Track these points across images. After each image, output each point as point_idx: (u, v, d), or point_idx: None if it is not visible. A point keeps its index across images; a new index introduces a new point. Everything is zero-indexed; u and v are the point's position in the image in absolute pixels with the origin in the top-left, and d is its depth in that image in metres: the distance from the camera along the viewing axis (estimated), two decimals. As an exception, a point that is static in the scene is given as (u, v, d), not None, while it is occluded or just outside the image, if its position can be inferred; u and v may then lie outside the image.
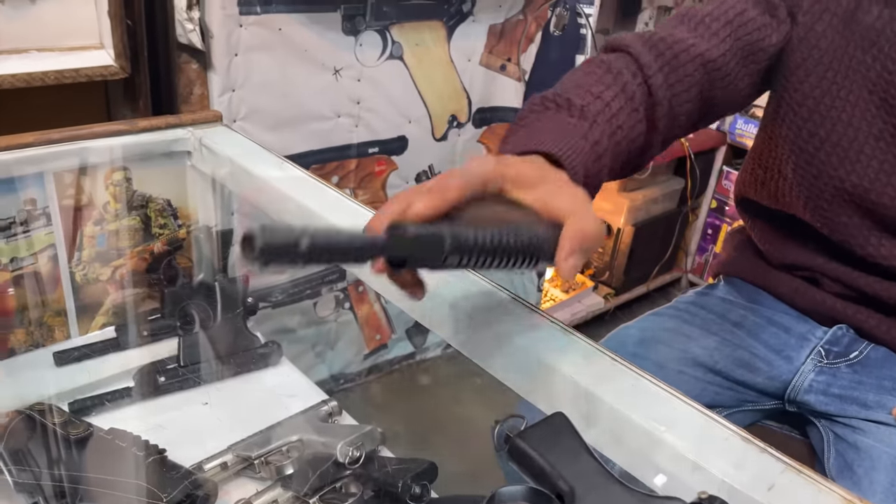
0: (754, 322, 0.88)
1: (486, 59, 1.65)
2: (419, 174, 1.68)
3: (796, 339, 0.85)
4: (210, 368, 0.87)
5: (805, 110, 0.76)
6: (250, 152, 0.84)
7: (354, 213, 0.72)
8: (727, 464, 0.44)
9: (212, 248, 0.96)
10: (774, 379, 0.85)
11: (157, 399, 0.84)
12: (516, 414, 0.42)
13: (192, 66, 1.23)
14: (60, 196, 0.80)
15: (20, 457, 0.68)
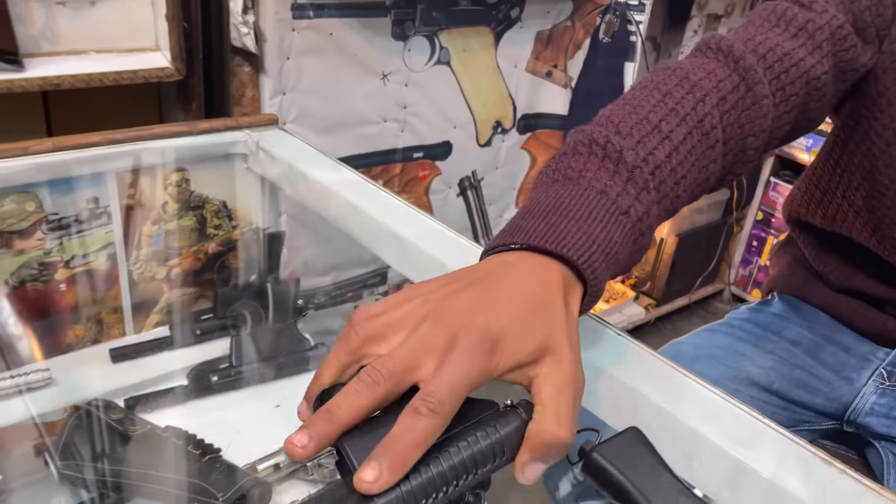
0: (812, 341, 0.85)
1: (532, 66, 1.64)
2: (462, 179, 1.68)
3: (857, 360, 0.82)
4: (261, 369, 0.88)
5: (883, 142, 0.71)
6: (306, 156, 0.85)
7: (407, 216, 0.72)
8: (805, 485, 0.42)
9: (263, 250, 0.97)
10: (834, 400, 0.83)
11: (209, 398, 0.84)
12: (589, 428, 0.41)
13: (244, 69, 1.25)
14: (121, 195, 0.82)
15: (77, 452, 0.69)
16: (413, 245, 0.67)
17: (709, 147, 0.56)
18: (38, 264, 0.79)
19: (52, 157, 0.75)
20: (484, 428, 0.38)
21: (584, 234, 0.46)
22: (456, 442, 0.37)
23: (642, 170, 0.51)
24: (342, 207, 0.76)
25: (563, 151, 0.55)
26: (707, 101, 0.56)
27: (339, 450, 0.37)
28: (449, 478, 0.37)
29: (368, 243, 0.74)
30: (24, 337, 0.82)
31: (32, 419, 0.74)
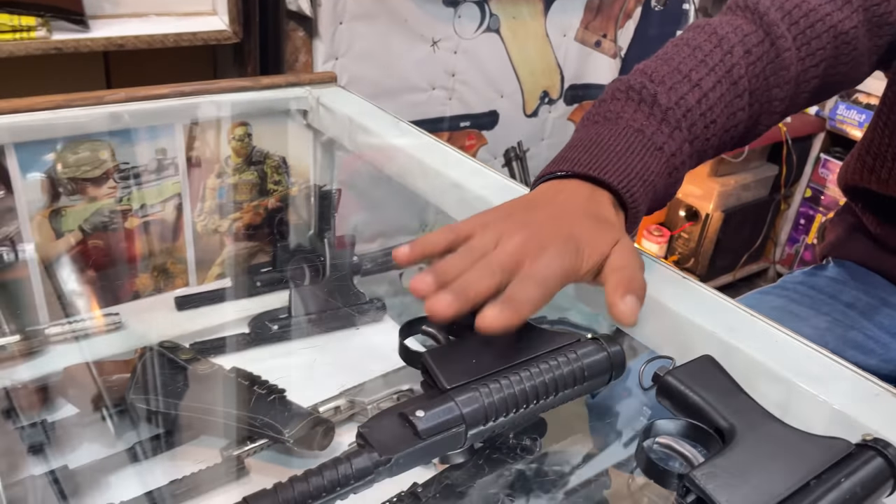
0: (868, 303, 0.85)
1: (581, 35, 1.63)
2: (507, 150, 1.69)
3: None
4: (318, 320, 0.90)
5: None
6: (367, 111, 0.86)
7: (468, 167, 0.73)
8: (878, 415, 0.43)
9: (320, 207, 0.98)
10: (889, 362, 0.82)
11: (269, 346, 0.87)
12: (664, 355, 0.42)
13: (298, 33, 1.26)
14: (188, 147, 0.84)
15: (148, 388, 0.72)
16: (477, 196, 0.69)
17: (736, 96, 0.60)
18: (110, 212, 0.82)
19: (124, 106, 0.78)
20: (566, 354, 0.40)
21: (624, 165, 0.52)
22: (539, 363, 0.39)
23: (674, 111, 0.57)
24: (404, 161, 0.77)
25: (603, 98, 0.61)
26: (734, 53, 0.60)
27: (425, 367, 0.39)
28: (529, 395, 0.38)
29: (431, 196, 0.75)
30: (95, 283, 0.85)
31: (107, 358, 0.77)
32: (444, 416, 0.36)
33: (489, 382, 0.38)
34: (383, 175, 0.87)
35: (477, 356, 0.40)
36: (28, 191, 0.76)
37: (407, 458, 0.36)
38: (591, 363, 0.40)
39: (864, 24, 0.66)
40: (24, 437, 0.67)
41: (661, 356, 0.42)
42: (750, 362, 0.48)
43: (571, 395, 0.40)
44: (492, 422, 0.38)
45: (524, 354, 0.40)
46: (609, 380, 0.42)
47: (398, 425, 0.36)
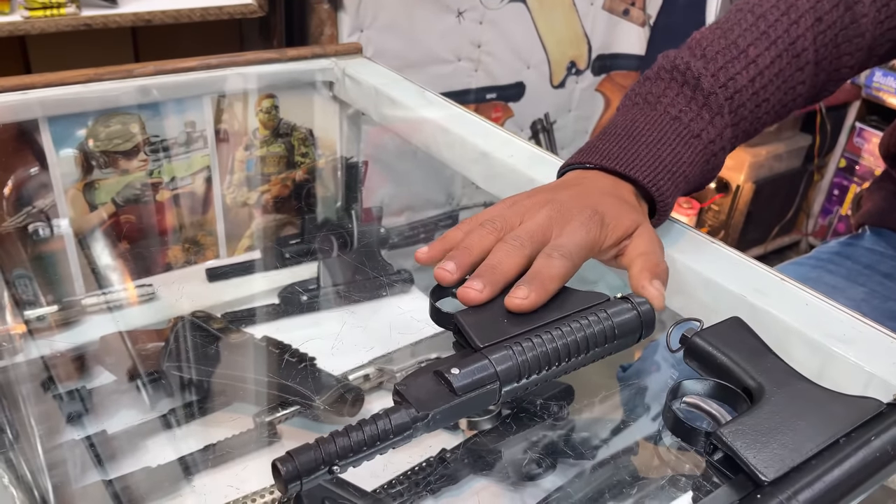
0: None
1: (609, 3, 1.61)
2: (534, 122, 1.67)
3: None
4: (348, 291, 0.91)
5: None
6: (393, 81, 0.86)
7: (495, 136, 0.73)
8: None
9: (347, 179, 0.99)
10: None
11: (299, 316, 0.88)
12: (693, 318, 0.42)
13: (323, 6, 1.26)
14: (216, 120, 0.85)
15: (183, 355, 0.73)
16: (504, 165, 0.68)
17: (798, 69, 0.58)
18: (141, 185, 0.83)
19: (152, 80, 0.79)
20: (597, 313, 0.40)
21: (653, 157, 0.53)
22: (570, 322, 0.39)
23: (718, 96, 0.55)
24: (431, 131, 0.77)
25: (647, 76, 0.60)
26: (801, 22, 0.58)
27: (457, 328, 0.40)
28: (561, 353, 0.39)
29: (459, 166, 0.75)
30: (128, 255, 0.87)
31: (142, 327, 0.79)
32: (478, 373, 0.37)
33: (521, 341, 0.39)
34: (410, 147, 0.87)
35: (508, 316, 0.41)
36: (62, 165, 0.78)
37: (444, 414, 0.36)
38: (621, 322, 0.41)
39: None
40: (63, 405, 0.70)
41: (689, 318, 0.42)
42: (780, 325, 0.47)
43: (602, 352, 0.41)
44: (525, 379, 0.38)
45: (555, 314, 0.41)
46: (639, 338, 0.42)
47: (434, 383, 0.37)
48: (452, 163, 0.75)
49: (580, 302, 0.42)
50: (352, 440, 0.34)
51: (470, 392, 0.37)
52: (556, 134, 1.73)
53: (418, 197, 1.48)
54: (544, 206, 0.47)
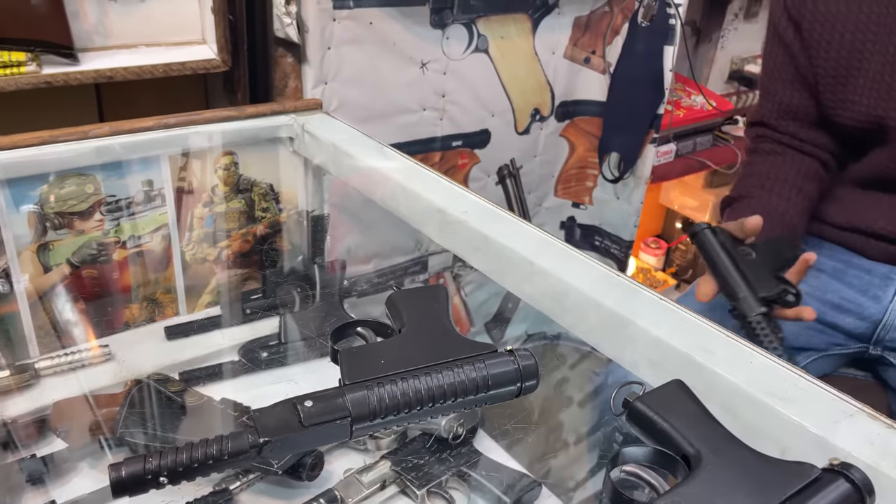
0: (834, 267, 0.91)
1: (570, 52, 1.64)
2: (501, 167, 1.69)
3: (880, 279, 0.88)
4: (310, 346, 0.90)
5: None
6: (351, 138, 0.87)
7: (450, 192, 0.74)
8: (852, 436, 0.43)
9: (309, 233, 0.99)
10: (865, 319, 0.87)
11: (259, 373, 0.87)
12: (634, 381, 0.42)
13: (287, 59, 1.28)
14: (174, 178, 0.85)
15: (138, 421, 0.72)
16: (458, 220, 0.69)
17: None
18: (98, 245, 0.83)
19: (109, 140, 0.79)
20: (474, 363, 0.41)
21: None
22: (443, 369, 0.40)
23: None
24: (387, 187, 0.78)
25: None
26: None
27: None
28: (424, 398, 0.40)
29: (414, 221, 0.76)
30: (84, 315, 0.86)
31: (95, 392, 0.77)
32: (330, 408, 0.39)
33: (385, 382, 0.40)
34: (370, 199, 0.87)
35: (388, 357, 0.42)
36: (15, 226, 0.77)
37: (286, 442, 0.38)
38: (497, 374, 0.42)
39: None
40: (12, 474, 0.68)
41: (632, 381, 0.42)
42: (725, 384, 0.48)
43: (474, 401, 0.42)
44: (380, 418, 0.39)
45: (433, 359, 0.42)
46: (519, 392, 0.43)
47: (288, 412, 0.39)
48: (409, 218, 0.75)
49: (465, 350, 0.43)
50: (185, 457, 0.36)
51: (317, 424, 0.38)
52: (522, 178, 1.75)
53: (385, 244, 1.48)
54: None
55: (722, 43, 1.80)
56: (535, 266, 0.61)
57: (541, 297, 0.61)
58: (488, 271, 0.65)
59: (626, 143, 1.65)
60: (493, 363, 0.42)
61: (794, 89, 0.92)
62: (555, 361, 0.84)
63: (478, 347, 0.43)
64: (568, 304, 0.58)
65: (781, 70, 0.92)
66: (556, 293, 0.59)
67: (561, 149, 1.77)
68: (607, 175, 1.72)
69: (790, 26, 0.90)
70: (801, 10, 0.88)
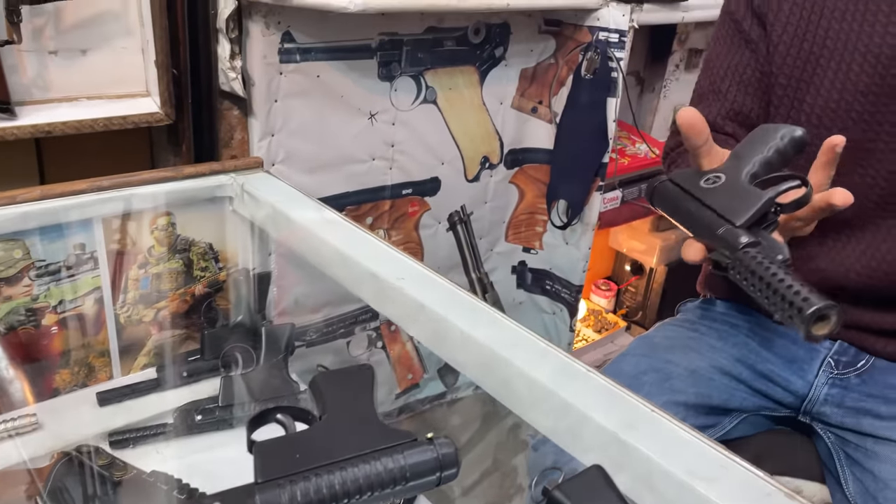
0: (762, 336, 0.91)
1: (517, 102, 1.68)
2: (451, 214, 1.70)
3: (805, 351, 0.88)
4: (249, 410, 0.88)
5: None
6: (290, 198, 0.87)
7: (387, 256, 0.74)
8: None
9: (251, 291, 0.98)
10: (791, 393, 0.88)
11: (195, 438, 0.85)
12: (554, 467, 0.42)
13: (233, 112, 1.27)
14: (108, 241, 0.83)
15: (65, 498, 0.69)
16: (391, 285, 0.69)
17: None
18: (26, 310, 0.80)
19: (39, 205, 0.77)
20: (392, 454, 0.41)
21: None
22: (361, 462, 0.40)
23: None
24: (323, 249, 0.78)
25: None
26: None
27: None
28: (340, 494, 0.39)
29: (350, 286, 0.75)
30: (11, 382, 0.83)
31: (20, 465, 0.75)
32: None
33: (299, 480, 0.39)
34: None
35: (305, 450, 0.41)
36: (-64, 295, 0.74)
37: None
38: (416, 464, 0.41)
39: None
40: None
41: (551, 468, 0.42)
42: (648, 463, 0.48)
43: (393, 494, 0.41)
44: None
45: (352, 450, 0.41)
46: (438, 482, 0.43)
47: None
48: (345, 282, 0.75)
49: (385, 439, 0.42)
50: None
51: None
52: (473, 224, 1.76)
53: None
54: None
55: (664, 92, 1.86)
56: (469, 337, 0.61)
57: (474, 367, 0.61)
58: (424, 339, 0.65)
59: (573, 190, 1.68)
60: (413, 453, 0.42)
61: (747, 93, 0.85)
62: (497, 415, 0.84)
63: (398, 436, 0.43)
64: (500, 377, 0.58)
65: (740, 70, 0.85)
66: (488, 365, 0.59)
67: (511, 195, 1.80)
68: (556, 221, 1.74)
69: (756, 24, 0.84)
70: (765, 9, 0.83)
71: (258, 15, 1.19)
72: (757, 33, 0.84)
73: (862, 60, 0.76)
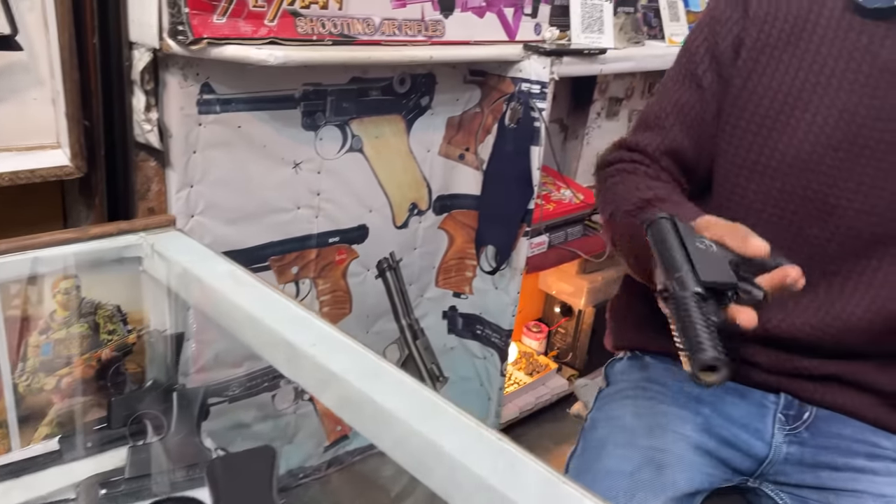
0: (711, 393, 0.88)
1: (444, 150, 1.69)
2: (380, 261, 1.70)
3: (756, 407, 0.87)
4: (158, 481, 0.84)
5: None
6: (202, 257, 0.84)
7: (299, 320, 0.72)
8: None
9: (162, 354, 0.94)
10: (752, 457, 0.86)
11: (99, 515, 0.81)
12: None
13: (149, 163, 1.24)
14: (6, 306, 0.79)
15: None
16: (303, 353, 0.67)
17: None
18: (-89, 384, 0.75)
19: (-73, 272, 0.73)
20: None
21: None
22: None
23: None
24: (234, 312, 0.76)
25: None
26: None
27: None
28: None
29: (262, 352, 0.73)
30: None
31: None
32: None
33: None
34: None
35: None
36: None
37: None
38: None
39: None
40: None
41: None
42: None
43: None
44: None
45: None
46: None
47: None
48: (257, 348, 0.73)
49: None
50: None
51: None
52: (403, 271, 1.76)
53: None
54: None
55: (587, 139, 1.91)
56: (381, 409, 0.60)
57: (386, 439, 0.59)
58: (336, 408, 0.64)
59: (500, 236, 1.70)
60: None
61: (687, 134, 0.86)
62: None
63: None
64: (411, 450, 0.57)
65: (686, 111, 0.86)
66: (401, 438, 0.58)
67: (440, 241, 1.80)
68: (484, 266, 1.75)
69: (711, 70, 0.85)
70: (727, 57, 0.83)
71: (175, 67, 1.17)
72: (709, 80, 0.85)
73: (838, 116, 0.77)
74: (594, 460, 0.83)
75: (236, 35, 1.15)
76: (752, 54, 0.82)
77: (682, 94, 0.86)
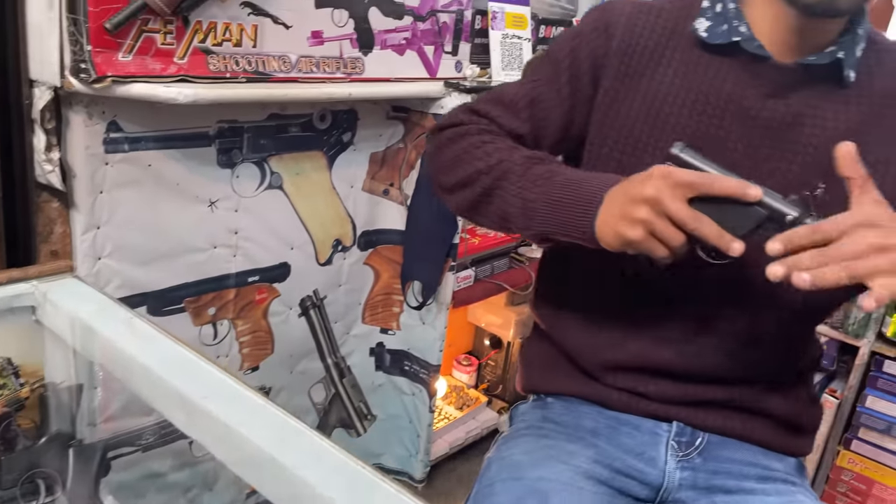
0: (607, 425, 0.90)
1: (368, 185, 1.68)
2: (303, 299, 1.66)
3: (649, 436, 0.88)
4: (48, 546, 0.79)
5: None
6: (99, 308, 0.81)
7: (198, 372, 0.69)
8: None
9: (60, 407, 0.89)
10: (647, 484, 0.88)
11: (-19, 589, 0.75)
12: None
13: (52, 204, 1.19)
14: None
15: None
16: (202, 411, 0.64)
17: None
18: None
19: None
20: None
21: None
22: None
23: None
24: (132, 367, 0.72)
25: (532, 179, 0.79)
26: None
27: None
28: None
29: (160, 406, 0.70)
30: None
31: None
32: None
33: None
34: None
35: None
36: None
37: None
38: None
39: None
40: None
41: None
42: None
43: None
44: None
45: None
46: None
47: None
48: (154, 402, 0.70)
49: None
50: None
51: None
52: (327, 308, 1.73)
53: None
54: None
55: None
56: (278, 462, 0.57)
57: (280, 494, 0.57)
58: (231, 463, 0.61)
59: (426, 271, 1.69)
60: None
61: (531, 129, 0.87)
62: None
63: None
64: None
65: (539, 109, 0.87)
66: (295, 494, 0.56)
67: (366, 277, 1.78)
68: (411, 302, 1.74)
69: (569, 84, 0.86)
70: (584, 80, 0.85)
71: (79, 105, 1.13)
72: (566, 91, 0.86)
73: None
74: (483, 500, 0.82)
75: (144, 73, 1.12)
76: (615, 84, 0.85)
77: (541, 91, 0.87)
